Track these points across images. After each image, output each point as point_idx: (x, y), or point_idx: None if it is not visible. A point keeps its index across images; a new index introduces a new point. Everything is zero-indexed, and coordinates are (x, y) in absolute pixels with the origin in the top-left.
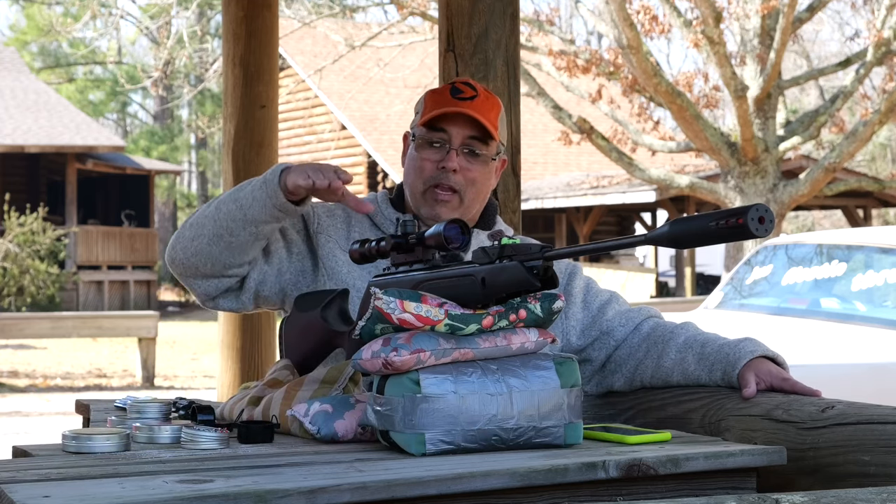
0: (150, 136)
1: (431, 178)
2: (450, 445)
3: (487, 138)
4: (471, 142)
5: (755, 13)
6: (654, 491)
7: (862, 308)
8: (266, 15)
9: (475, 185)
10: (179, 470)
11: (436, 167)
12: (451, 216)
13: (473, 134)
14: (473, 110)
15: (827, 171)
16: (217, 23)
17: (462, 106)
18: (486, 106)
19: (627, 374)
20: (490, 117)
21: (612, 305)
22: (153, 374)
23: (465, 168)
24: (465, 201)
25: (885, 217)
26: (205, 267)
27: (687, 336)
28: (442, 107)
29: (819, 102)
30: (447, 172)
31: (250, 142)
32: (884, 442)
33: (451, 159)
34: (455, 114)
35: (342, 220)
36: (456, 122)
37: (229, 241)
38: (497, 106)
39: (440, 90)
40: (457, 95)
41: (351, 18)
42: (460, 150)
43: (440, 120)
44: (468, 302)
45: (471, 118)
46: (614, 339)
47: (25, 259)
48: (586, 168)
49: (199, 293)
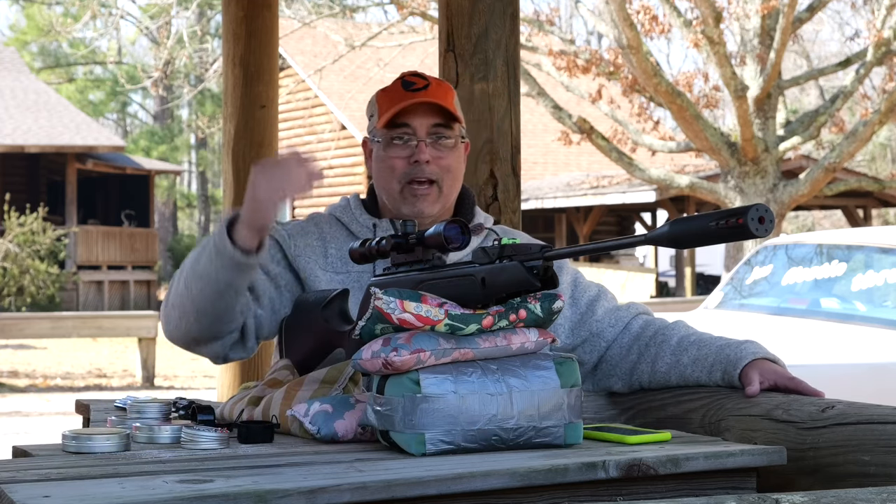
0: (150, 136)
1: (405, 175)
2: (450, 445)
3: (451, 122)
4: (436, 129)
5: (755, 13)
6: (654, 491)
7: (862, 308)
8: (266, 15)
9: (450, 172)
10: (179, 470)
11: (407, 163)
12: (433, 209)
13: (437, 121)
14: (432, 97)
15: (827, 171)
16: (217, 23)
17: (419, 96)
18: (441, 91)
19: (624, 377)
20: (447, 101)
21: (601, 303)
22: (153, 374)
23: (437, 157)
24: (443, 190)
25: (885, 217)
26: (204, 337)
27: (680, 336)
28: (398, 102)
29: (819, 102)
30: (420, 165)
31: (250, 142)
32: (884, 442)
33: (422, 151)
34: (415, 105)
35: (316, 236)
36: (417, 113)
37: (214, 312)
38: (451, 90)
39: (391, 88)
40: (410, 88)
41: (351, 18)
42: (428, 140)
43: (401, 115)
44: (468, 302)
45: (431, 105)
46: (605, 340)
47: (25, 259)
48: (586, 168)
49: (209, 357)
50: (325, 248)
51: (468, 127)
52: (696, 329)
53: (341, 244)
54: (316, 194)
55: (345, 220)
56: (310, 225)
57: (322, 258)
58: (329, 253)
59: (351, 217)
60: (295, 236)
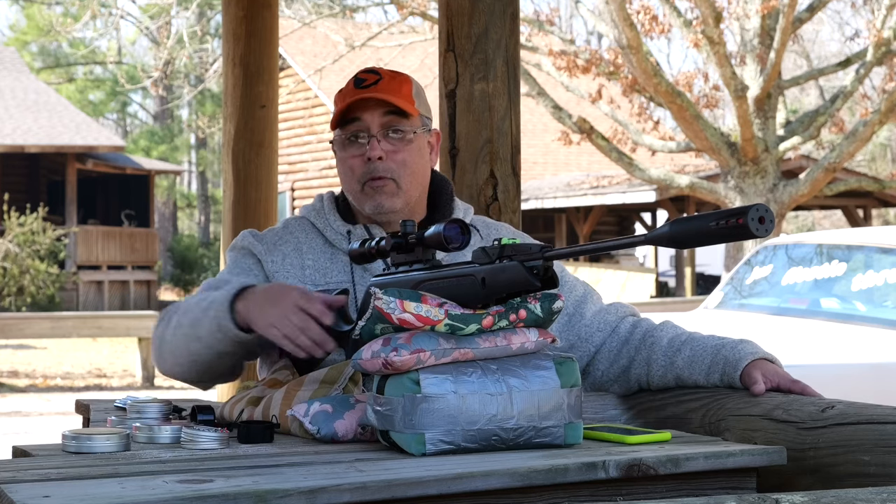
0: (150, 136)
1: (364, 175)
2: (450, 445)
3: (404, 114)
4: (387, 121)
5: (755, 13)
6: (654, 491)
7: (862, 308)
8: (266, 15)
9: (407, 166)
10: (179, 470)
11: (363, 162)
12: (393, 203)
13: (388, 112)
14: (379, 93)
15: (827, 171)
16: (217, 23)
17: (367, 92)
18: (394, 85)
19: (616, 381)
20: (402, 92)
21: (588, 305)
22: (153, 374)
23: (390, 152)
24: (402, 186)
25: (885, 217)
26: (196, 382)
27: (670, 337)
28: (348, 100)
29: (819, 102)
30: (374, 163)
31: (250, 142)
32: (884, 442)
33: (374, 148)
34: (363, 101)
35: (293, 247)
36: (367, 108)
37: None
38: (407, 81)
39: (345, 87)
40: (361, 85)
41: (351, 18)
42: (380, 135)
43: (351, 112)
44: (468, 302)
45: (380, 100)
46: (593, 344)
47: (25, 259)
48: (586, 168)
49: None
50: (301, 261)
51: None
52: (684, 328)
53: (318, 255)
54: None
55: (319, 226)
56: (285, 234)
57: (299, 271)
58: (306, 265)
59: (325, 223)
60: (272, 250)
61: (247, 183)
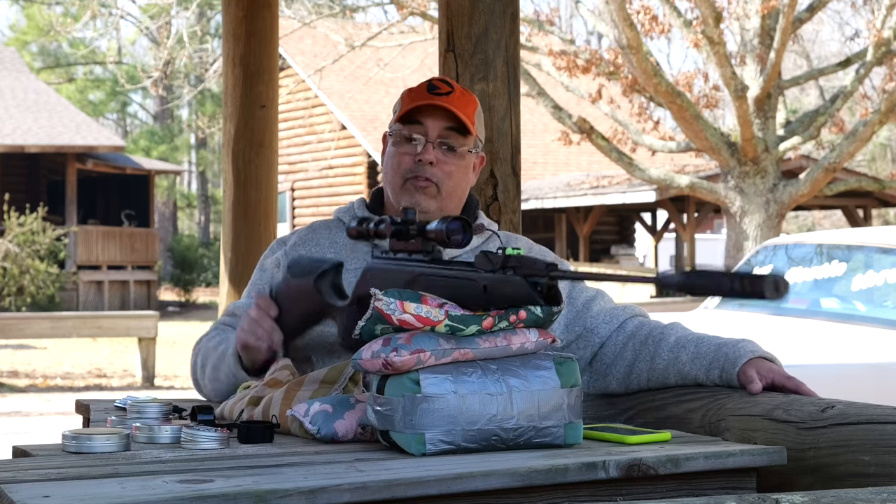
0: (150, 136)
1: (409, 171)
2: (450, 445)
3: (464, 131)
4: (447, 133)
5: (755, 13)
6: (654, 491)
7: (862, 308)
8: (266, 15)
9: (452, 179)
10: (179, 470)
11: (413, 160)
12: (430, 205)
13: (450, 126)
14: (449, 104)
15: (827, 171)
16: (217, 23)
17: (438, 100)
18: (463, 101)
19: (619, 377)
20: (467, 112)
21: (598, 302)
22: (153, 374)
23: (441, 161)
24: (442, 192)
25: (885, 217)
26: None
27: (678, 336)
28: (418, 101)
29: (819, 102)
30: (423, 165)
31: (250, 142)
32: (884, 442)
33: (428, 152)
34: (431, 107)
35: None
36: (432, 114)
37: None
38: (473, 103)
39: (417, 87)
40: (433, 91)
41: (351, 18)
42: (437, 143)
43: (416, 113)
44: (468, 305)
45: (447, 111)
46: (598, 336)
47: (25, 259)
48: (586, 168)
49: None
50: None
51: None
52: (692, 330)
53: (339, 248)
54: (316, 194)
55: (346, 220)
56: (309, 233)
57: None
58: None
59: (351, 217)
60: (299, 249)
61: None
